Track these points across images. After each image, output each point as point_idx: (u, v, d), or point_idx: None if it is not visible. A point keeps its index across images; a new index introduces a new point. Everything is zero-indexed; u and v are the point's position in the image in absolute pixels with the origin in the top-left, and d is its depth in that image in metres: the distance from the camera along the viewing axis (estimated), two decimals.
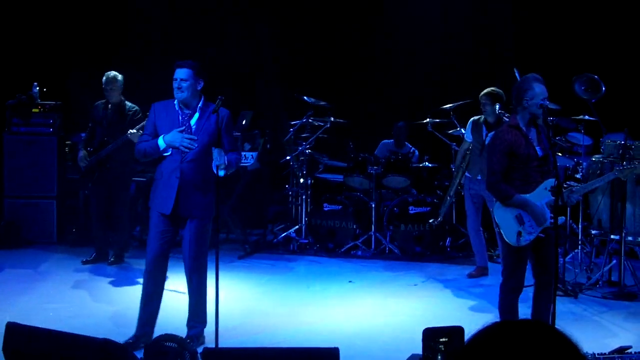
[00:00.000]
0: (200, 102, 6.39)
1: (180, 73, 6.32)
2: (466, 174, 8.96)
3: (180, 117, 6.35)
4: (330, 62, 12.11)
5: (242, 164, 9.81)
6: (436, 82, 11.54)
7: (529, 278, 6.30)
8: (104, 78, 9.21)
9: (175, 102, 6.37)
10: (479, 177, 8.58)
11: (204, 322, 6.61)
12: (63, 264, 9.31)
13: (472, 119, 8.95)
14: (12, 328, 4.86)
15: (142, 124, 8.97)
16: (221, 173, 6.17)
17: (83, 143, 9.40)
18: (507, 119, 7.56)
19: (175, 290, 8.26)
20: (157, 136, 6.36)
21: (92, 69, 10.05)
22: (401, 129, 10.92)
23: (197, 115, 6.36)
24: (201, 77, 6.37)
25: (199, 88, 6.37)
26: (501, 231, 6.07)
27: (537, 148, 6.03)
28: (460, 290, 8.43)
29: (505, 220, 6.04)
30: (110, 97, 9.21)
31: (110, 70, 9.30)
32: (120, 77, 9.24)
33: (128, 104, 9.30)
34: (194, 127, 6.32)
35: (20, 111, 10.23)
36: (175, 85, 6.31)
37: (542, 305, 6.14)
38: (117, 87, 9.21)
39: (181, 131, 6.24)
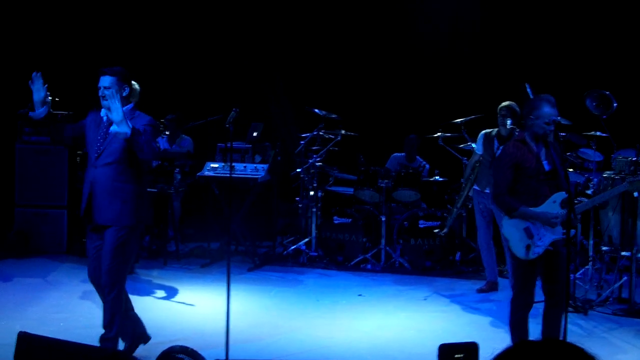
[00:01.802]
0: (125, 108, 6.06)
1: (104, 81, 6.08)
2: (475, 186, 8.95)
3: (102, 124, 6.16)
4: (341, 75, 12.14)
5: (252, 176, 9.84)
6: (447, 96, 11.55)
7: (539, 294, 6.29)
8: None
9: (103, 109, 6.17)
10: (487, 190, 8.58)
11: (116, 338, 6.29)
12: (73, 274, 9.32)
13: (483, 131, 8.95)
14: (24, 338, 4.86)
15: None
16: (113, 127, 5.84)
17: None
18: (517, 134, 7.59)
19: (183, 302, 8.29)
20: (82, 132, 6.24)
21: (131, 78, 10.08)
22: (412, 141, 10.92)
23: None
24: (126, 83, 6.16)
25: (124, 94, 6.13)
26: (510, 245, 6.07)
27: (545, 162, 6.06)
28: (470, 305, 8.41)
29: (513, 234, 6.05)
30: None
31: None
32: (138, 86, 9.22)
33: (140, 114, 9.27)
34: (111, 134, 6.05)
35: (31, 120, 10.24)
36: (99, 93, 6.07)
37: (552, 323, 6.12)
38: (135, 95, 9.19)
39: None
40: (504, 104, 8.65)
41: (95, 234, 6.19)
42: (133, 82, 9.21)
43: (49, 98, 6.24)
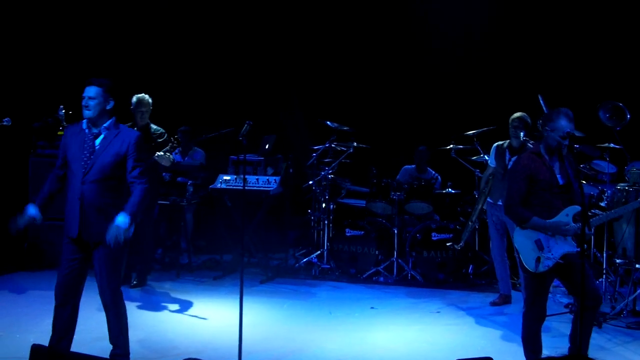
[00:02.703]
0: (108, 122, 6.05)
1: (89, 91, 6.01)
2: (488, 199, 8.92)
3: (86, 138, 6.05)
4: (353, 88, 12.16)
5: (264, 188, 9.84)
6: (459, 108, 11.55)
7: (551, 307, 6.26)
8: (135, 100, 9.22)
9: (84, 121, 6.08)
10: (500, 203, 8.56)
11: (127, 353, 6.34)
12: (86, 287, 9.28)
13: (495, 144, 8.93)
14: (38, 350, 4.87)
15: (168, 146, 9.01)
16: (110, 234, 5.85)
17: None
18: (531, 146, 7.56)
19: (195, 315, 8.29)
20: (64, 153, 6.11)
21: (117, 92, 10.11)
22: (422, 153, 10.93)
23: (102, 135, 6.03)
24: (111, 96, 6.07)
25: (108, 107, 6.05)
26: (520, 257, 6.05)
27: (558, 176, 6.04)
28: (483, 318, 8.37)
29: (524, 245, 6.03)
30: (142, 120, 9.23)
31: (129, 95, 9.37)
32: (150, 99, 9.27)
33: (153, 126, 9.32)
34: (97, 147, 6.00)
35: (46, 133, 10.29)
36: (82, 103, 6.02)
37: (584, 328, 6.04)
38: (149, 109, 9.26)
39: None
40: (515, 115, 8.63)
41: (75, 247, 6.12)
42: (145, 94, 9.29)
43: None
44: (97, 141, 6.03)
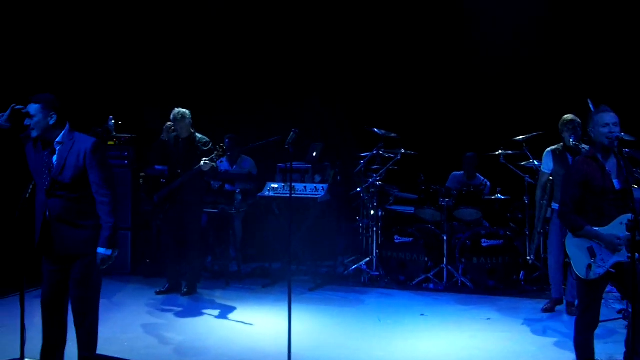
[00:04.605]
0: (60, 136, 5.83)
1: (29, 109, 5.80)
2: (556, 206, 8.67)
3: (43, 154, 5.85)
4: (400, 94, 12.13)
5: (312, 196, 9.86)
6: (508, 113, 11.44)
7: (604, 313, 6.15)
8: (172, 116, 9.37)
9: None
10: None
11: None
12: (137, 295, 9.46)
13: (549, 149, 8.77)
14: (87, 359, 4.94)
15: (213, 154, 9.12)
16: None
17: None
18: (587, 148, 7.46)
19: (245, 322, 8.32)
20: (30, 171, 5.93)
21: (166, 103, 10.24)
22: (470, 159, 10.86)
23: (56, 151, 5.82)
24: (52, 110, 5.80)
25: (51, 122, 5.79)
26: (571, 263, 5.96)
27: (615, 181, 5.92)
28: (535, 325, 8.26)
29: (576, 252, 5.94)
30: (182, 134, 9.39)
31: (178, 105, 9.47)
32: (188, 113, 9.39)
33: (198, 135, 9.44)
34: (54, 164, 5.80)
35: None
36: (25, 123, 5.80)
37: (639, 333, 5.94)
38: (186, 124, 9.38)
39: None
40: (571, 117, 8.51)
41: (51, 260, 5.91)
42: (180, 110, 9.40)
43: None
44: (54, 158, 5.84)
